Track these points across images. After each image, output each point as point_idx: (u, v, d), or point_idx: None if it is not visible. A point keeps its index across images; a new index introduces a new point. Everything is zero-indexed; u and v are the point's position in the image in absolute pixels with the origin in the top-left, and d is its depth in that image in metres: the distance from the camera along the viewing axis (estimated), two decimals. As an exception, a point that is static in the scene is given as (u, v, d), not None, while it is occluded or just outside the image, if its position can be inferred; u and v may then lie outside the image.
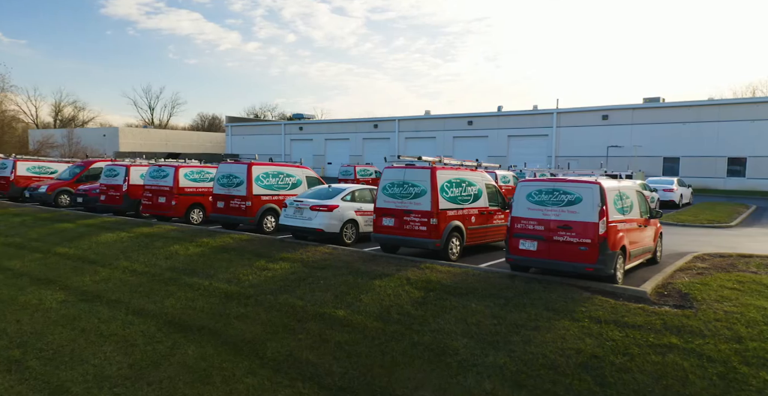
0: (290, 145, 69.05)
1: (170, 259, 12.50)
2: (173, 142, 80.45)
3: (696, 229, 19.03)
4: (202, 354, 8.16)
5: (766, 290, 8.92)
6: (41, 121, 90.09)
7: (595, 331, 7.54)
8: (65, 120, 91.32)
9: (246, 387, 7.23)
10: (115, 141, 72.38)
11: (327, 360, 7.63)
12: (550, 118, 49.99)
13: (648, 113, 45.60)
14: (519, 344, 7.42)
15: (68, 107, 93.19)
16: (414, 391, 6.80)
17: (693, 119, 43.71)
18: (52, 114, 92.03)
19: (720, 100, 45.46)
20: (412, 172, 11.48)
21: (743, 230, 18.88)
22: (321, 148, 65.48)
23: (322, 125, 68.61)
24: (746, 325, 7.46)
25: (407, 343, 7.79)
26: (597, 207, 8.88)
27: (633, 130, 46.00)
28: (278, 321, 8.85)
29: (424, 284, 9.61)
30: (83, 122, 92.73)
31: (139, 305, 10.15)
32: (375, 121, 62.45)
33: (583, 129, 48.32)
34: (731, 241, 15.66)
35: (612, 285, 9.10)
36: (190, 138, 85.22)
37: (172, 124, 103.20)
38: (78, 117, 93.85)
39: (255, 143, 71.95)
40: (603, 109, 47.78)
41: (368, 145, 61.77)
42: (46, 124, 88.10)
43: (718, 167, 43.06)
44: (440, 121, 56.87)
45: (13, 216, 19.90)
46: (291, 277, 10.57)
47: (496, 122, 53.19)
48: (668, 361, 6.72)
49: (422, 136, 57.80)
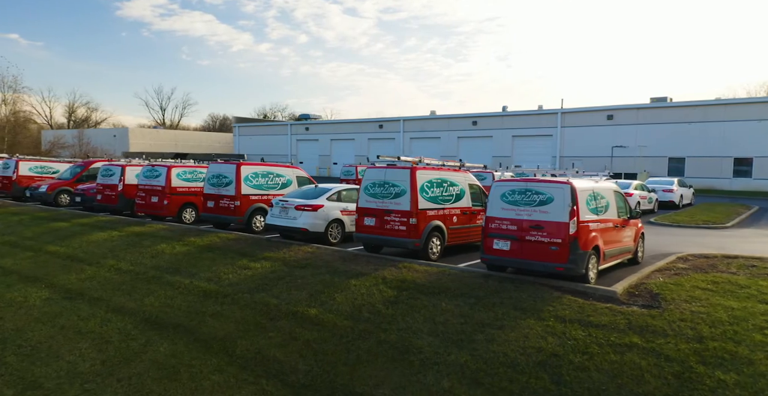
0: (296, 145, 69.33)
1: (156, 257, 12.66)
2: (182, 143, 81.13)
3: (690, 229, 18.92)
4: (174, 351, 8.28)
5: (739, 291, 8.90)
6: (55, 121, 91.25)
7: (559, 330, 7.58)
8: (78, 121, 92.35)
9: (211, 384, 7.34)
10: (126, 141, 73.18)
11: (294, 358, 7.72)
12: (555, 118, 49.83)
13: (653, 113, 45.31)
14: (482, 343, 7.47)
15: (81, 108, 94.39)
16: (374, 388, 6.87)
17: (699, 119, 43.38)
18: (65, 115, 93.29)
19: (726, 99, 45.08)
20: (393, 172, 11.55)
21: (738, 231, 18.75)
22: (327, 149, 65.68)
23: (328, 125, 68.83)
24: (710, 325, 7.46)
25: (374, 341, 7.86)
26: (568, 207, 8.91)
27: (638, 130, 45.74)
28: (251, 319, 8.96)
29: (398, 283, 9.67)
30: (96, 123, 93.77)
31: (119, 303, 10.30)
32: (380, 122, 62.56)
33: (587, 129, 48.12)
34: (722, 242, 15.57)
35: (584, 285, 9.12)
36: (200, 138, 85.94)
37: (184, 125, 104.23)
38: (91, 118, 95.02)
39: (262, 143, 72.33)
40: (608, 108, 47.55)
41: (373, 146, 61.86)
42: (60, 125, 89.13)
43: (724, 168, 42.71)
44: (445, 122, 56.87)
45: (12, 215, 20.19)
46: (270, 276, 10.67)
47: (500, 122, 53.09)
48: (626, 360, 6.74)
49: (427, 137, 57.82)
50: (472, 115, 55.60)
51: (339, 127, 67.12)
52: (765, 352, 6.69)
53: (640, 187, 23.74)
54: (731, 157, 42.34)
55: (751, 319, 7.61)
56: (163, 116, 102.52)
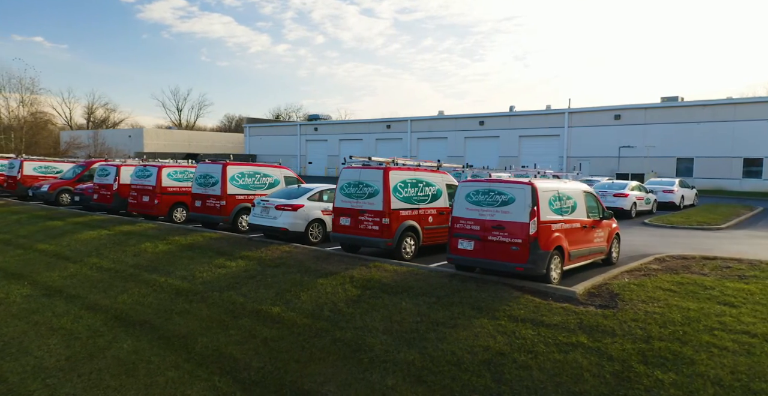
0: (306, 145, 69.70)
1: (138, 256, 12.89)
2: (196, 143, 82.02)
3: (683, 231, 18.77)
4: (136, 348, 8.45)
5: (702, 292, 8.88)
6: (75, 122, 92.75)
7: (510, 329, 7.63)
8: (97, 121, 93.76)
9: (166, 380, 7.49)
10: (140, 142, 74.17)
11: (249, 355, 7.85)
12: (562, 118, 49.56)
13: (661, 113, 44.87)
14: (433, 341, 7.54)
15: (100, 109, 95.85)
16: (321, 385, 6.98)
17: (708, 119, 42.86)
18: (85, 115, 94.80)
19: (736, 99, 44.45)
20: (367, 173, 11.65)
21: (732, 233, 18.56)
22: (335, 149, 65.92)
23: (337, 126, 69.09)
24: (661, 326, 7.47)
25: (329, 339, 7.97)
26: (528, 207, 8.94)
27: (646, 130, 45.32)
28: (216, 317, 9.11)
29: (364, 283, 9.77)
30: (114, 123, 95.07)
31: (94, 300, 10.53)
32: (388, 122, 62.68)
33: (595, 129, 47.80)
34: (710, 243, 15.45)
35: (546, 285, 9.15)
36: (213, 139, 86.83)
37: (200, 125, 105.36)
38: (109, 118, 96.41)
39: (272, 144, 72.83)
40: (615, 108, 47.19)
41: (381, 146, 62.00)
42: (80, 126, 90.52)
43: (733, 168, 42.16)
44: (452, 122, 56.81)
45: (12, 214, 20.62)
46: (242, 275, 10.83)
47: (507, 122, 52.92)
48: (569, 359, 6.79)
49: (434, 137, 57.82)
50: (479, 115, 55.50)
51: (347, 127, 67.37)
52: (709, 352, 6.70)
53: (637, 188, 23.56)
54: (741, 158, 41.79)
55: (704, 320, 7.61)
56: (180, 117, 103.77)
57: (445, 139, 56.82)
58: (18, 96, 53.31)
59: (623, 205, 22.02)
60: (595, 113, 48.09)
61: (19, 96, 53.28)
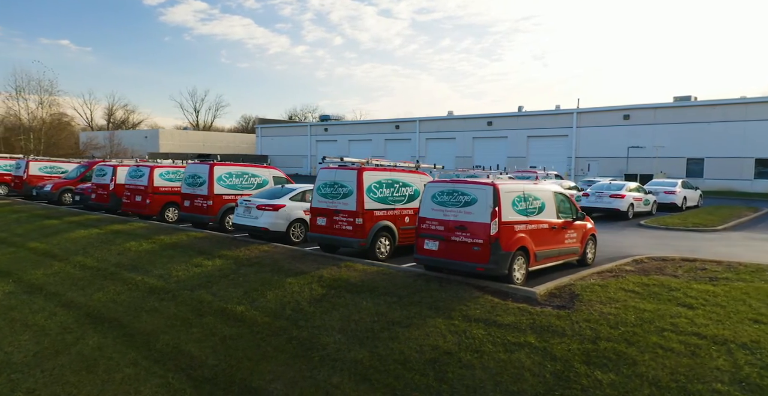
0: (316, 145, 70.00)
1: (121, 255, 13.12)
2: (210, 144, 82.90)
3: (676, 232, 18.58)
4: (101, 344, 8.64)
5: (665, 293, 8.82)
6: (95, 123, 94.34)
7: (461, 329, 7.67)
8: (117, 122, 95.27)
9: (123, 376, 7.66)
10: (156, 142, 75.23)
11: (206, 353, 7.99)
12: (571, 118, 49.19)
13: (671, 112, 44.33)
14: (385, 341, 7.61)
15: (120, 110, 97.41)
16: (268, 383, 7.09)
17: (719, 118, 42.24)
18: (105, 117, 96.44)
19: (748, 98, 43.73)
20: (342, 173, 11.74)
21: (727, 234, 18.33)
22: (345, 149, 66.06)
23: (346, 126, 69.29)
24: (612, 327, 7.46)
25: (285, 338, 8.08)
26: (489, 208, 8.96)
27: (655, 130, 44.79)
28: (182, 315, 9.27)
29: (331, 282, 9.86)
30: (133, 124, 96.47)
31: (71, 298, 10.75)
32: (397, 122, 62.74)
33: (604, 129, 47.35)
34: (698, 245, 15.30)
35: (508, 285, 9.15)
36: (227, 139, 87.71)
37: (217, 126, 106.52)
38: (129, 119, 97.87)
39: (283, 144, 73.29)
40: (624, 108, 46.72)
41: (390, 146, 62.09)
42: (100, 127, 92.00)
43: (744, 169, 41.51)
44: (460, 122, 56.68)
45: (13, 213, 21.05)
46: (216, 274, 10.98)
47: (515, 122, 52.67)
48: (513, 359, 6.82)
49: (443, 137, 57.74)
50: (487, 115, 55.32)
51: (357, 127, 67.56)
52: (653, 353, 6.68)
53: (635, 189, 23.33)
54: (752, 158, 41.12)
55: (657, 321, 7.58)
56: (197, 118, 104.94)
57: (453, 140, 56.71)
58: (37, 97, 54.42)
59: (619, 206, 21.83)
60: (604, 113, 47.66)
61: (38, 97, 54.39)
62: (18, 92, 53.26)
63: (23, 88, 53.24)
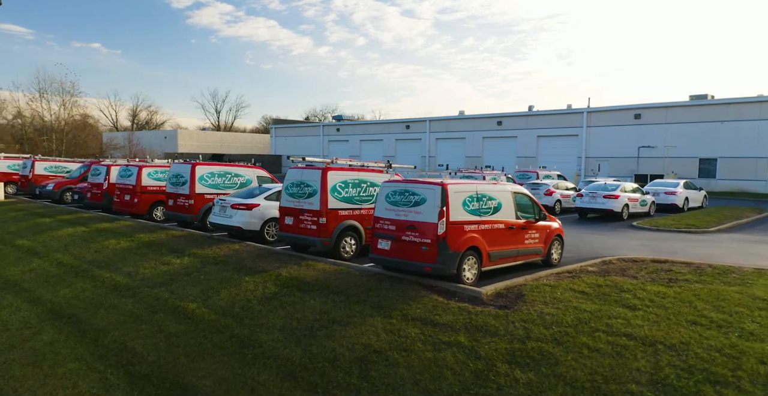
0: (328, 146, 70.28)
1: (98, 252, 13.38)
2: (228, 144, 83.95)
3: (667, 233, 18.31)
4: (53, 340, 8.84)
5: (613, 294, 8.74)
6: (120, 124, 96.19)
7: (397, 327, 7.69)
8: (141, 123, 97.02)
9: (65, 371, 7.82)
10: (175, 143, 76.45)
11: (149, 349, 8.12)
12: (581, 117, 48.67)
13: (683, 112, 43.60)
14: (321, 339, 7.67)
15: (144, 111, 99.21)
16: (199, 379, 7.20)
17: (732, 117, 41.42)
18: (129, 118, 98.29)
19: (761, 96, 42.83)
20: (308, 173, 11.83)
21: (717, 236, 18.00)
22: (356, 149, 66.27)
23: (358, 126, 69.45)
24: (546, 327, 7.42)
25: (227, 335, 8.18)
26: (437, 208, 8.97)
27: (667, 129, 44.09)
28: (137, 312, 9.43)
29: (287, 281, 9.94)
30: (156, 125, 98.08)
31: (39, 294, 11.01)
32: (407, 122, 62.70)
33: (614, 129, 46.75)
34: (680, 247, 15.07)
35: (456, 285, 9.14)
36: (244, 140, 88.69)
37: (237, 127, 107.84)
38: (152, 120, 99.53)
39: (297, 145, 73.74)
40: (635, 107, 46.06)
41: (401, 146, 62.12)
42: (125, 128, 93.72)
43: (759, 169, 40.65)
44: (470, 122, 56.44)
45: (14, 211, 21.56)
46: (180, 272, 11.15)
47: (525, 122, 52.28)
48: (438, 358, 6.83)
49: (453, 137, 57.57)
50: (497, 115, 55.02)
51: (368, 128, 67.69)
52: (578, 353, 6.65)
53: (631, 190, 23.02)
54: (767, 158, 40.25)
55: (593, 322, 7.53)
56: (218, 119, 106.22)
57: (463, 140, 56.52)
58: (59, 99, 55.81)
59: (613, 207, 21.57)
60: (615, 112, 47.07)
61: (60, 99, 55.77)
62: (41, 94, 54.86)
63: (45, 89, 54.78)
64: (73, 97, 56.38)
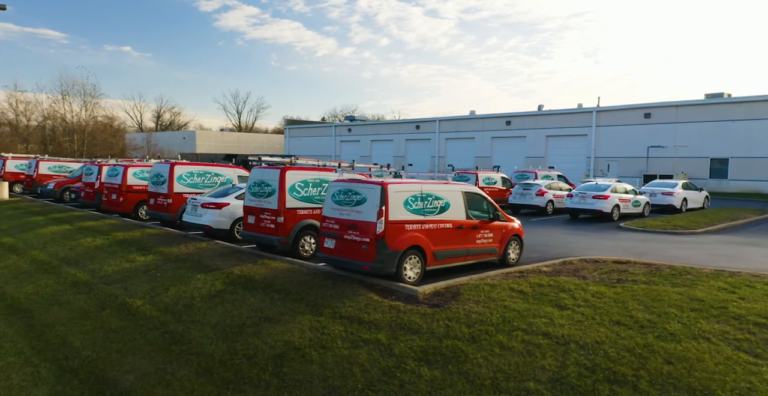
0: (340, 146, 70.63)
1: (72, 250, 13.68)
2: (245, 144, 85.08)
3: (651, 234, 18.06)
4: (2, 334, 9.09)
5: (552, 294, 8.69)
6: (144, 125, 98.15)
7: (323, 325, 7.76)
8: (164, 124, 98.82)
9: (2, 365, 8.06)
10: (193, 143, 77.74)
11: (86, 344, 8.32)
12: (590, 117, 48.15)
13: (694, 111, 42.84)
14: (247, 336, 7.77)
15: (167, 112, 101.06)
16: (123, 374, 7.36)
17: (744, 116, 40.59)
18: (153, 119, 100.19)
19: (774, 95, 41.92)
20: (268, 173, 11.97)
21: (702, 237, 17.67)
22: (367, 149, 66.49)
23: (368, 127, 69.64)
24: (468, 325, 7.43)
25: (161, 331, 8.33)
26: (377, 207, 9.02)
27: (677, 128, 43.38)
28: (87, 308, 9.65)
29: (236, 279, 10.07)
30: (179, 126, 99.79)
31: (5, 290, 11.29)
32: (417, 123, 62.69)
33: (624, 128, 46.15)
34: (655, 247, 14.87)
35: (396, 283, 9.17)
36: (261, 140, 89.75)
37: (259, 127, 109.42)
38: (175, 121, 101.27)
39: (310, 145, 74.25)
40: (645, 106, 45.42)
41: (411, 146, 62.16)
42: (149, 129, 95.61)
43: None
44: (479, 122, 56.22)
45: (13, 209, 22.09)
46: (140, 269, 11.36)
47: (534, 122, 51.90)
48: (353, 355, 6.89)
49: (462, 137, 57.40)
50: (506, 114, 54.71)
51: (378, 128, 67.83)
52: (490, 352, 6.66)
53: (623, 190, 22.73)
54: (780, 158, 39.40)
55: (516, 321, 7.52)
56: (239, 119, 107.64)
57: (472, 140, 56.33)
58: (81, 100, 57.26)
59: (602, 208, 21.33)
60: (625, 112, 46.47)
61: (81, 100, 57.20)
62: (63, 96, 56.30)
63: (68, 91, 56.23)
64: (94, 98, 57.79)
